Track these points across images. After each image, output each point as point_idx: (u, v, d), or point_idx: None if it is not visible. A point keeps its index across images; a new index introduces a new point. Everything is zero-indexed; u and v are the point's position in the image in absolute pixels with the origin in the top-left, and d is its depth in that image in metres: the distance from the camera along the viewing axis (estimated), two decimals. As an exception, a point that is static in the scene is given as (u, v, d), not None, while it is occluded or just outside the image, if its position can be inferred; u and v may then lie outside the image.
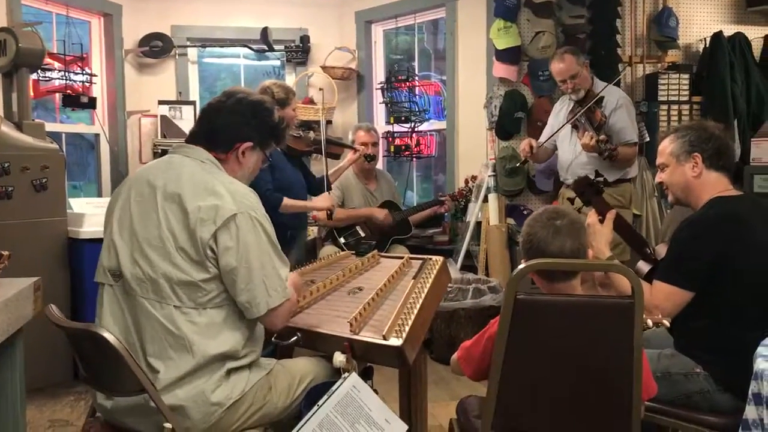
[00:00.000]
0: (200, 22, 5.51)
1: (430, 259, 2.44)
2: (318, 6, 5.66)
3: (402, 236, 4.48)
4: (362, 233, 4.34)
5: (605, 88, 3.86)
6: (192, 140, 1.98)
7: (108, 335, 1.63)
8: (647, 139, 4.60)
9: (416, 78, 5.37)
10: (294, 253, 3.69)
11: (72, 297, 3.79)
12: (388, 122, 5.38)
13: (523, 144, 4.03)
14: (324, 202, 3.65)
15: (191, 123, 4.97)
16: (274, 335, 2.04)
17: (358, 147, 4.29)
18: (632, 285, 1.62)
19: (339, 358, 1.92)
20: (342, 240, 4.28)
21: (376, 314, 2.07)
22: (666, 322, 1.93)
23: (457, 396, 3.58)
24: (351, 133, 4.60)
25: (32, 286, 1.84)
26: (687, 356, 2.11)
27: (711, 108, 4.59)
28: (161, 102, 5.12)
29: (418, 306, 2.01)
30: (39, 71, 4.34)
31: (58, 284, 3.68)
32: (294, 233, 3.75)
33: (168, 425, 1.68)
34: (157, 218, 1.79)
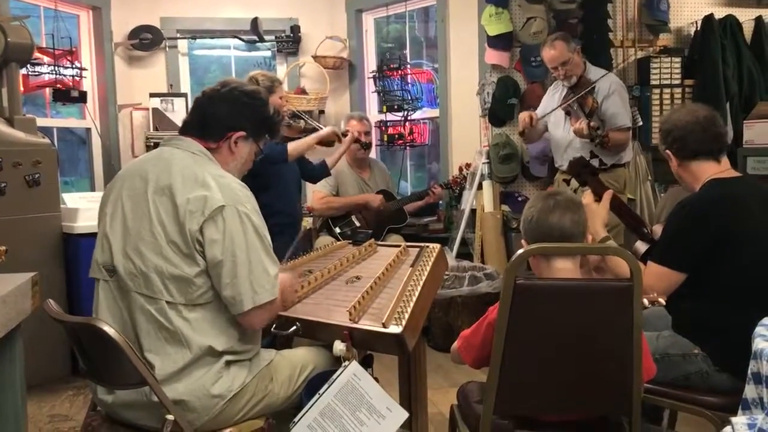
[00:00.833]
0: (190, 14, 5.47)
1: (428, 247, 2.44)
2: (307, -5, 5.64)
3: (397, 225, 4.48)
4: (357, 222, 4.34)
5: (600, 79, 3.86)
6: (184, 130, 1.97)
7: (108, 329, 1.63)
8: (640, 123, 4.60)
9: (408, 66, 5.35)
10: (290, 246, 3.66)
11: (68, 292, 3.78)
12: (381, 111, 5.36)
13: (523, 115, 4.00)
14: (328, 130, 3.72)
15: (183, 115, 4.88)
16: (273, 325, 2.04)
17: (349, 131, 4.25)
18: (630, 267, 1.63)
19: (339, 347, 1.91)
20: (337, 230, 4.28)
21: (375, 302, 2.07)
22: (662, 300, 1.93)
23: (456, 383, 3.59)
24: (343, 123, 4.58)
25: (30, 281, 1.83)
26: (685, 337, 2.12)
27: (703, 91, 4.59)
28: (153, 95, 5.08)
29: (417, 293, 2.01)
30: (28, 66, 4.31)
31: (54, 279, 3.67)
32: (285, 228, 3.70)
33: (170, 417, 1.68)
34: (149, 212, 1.78)
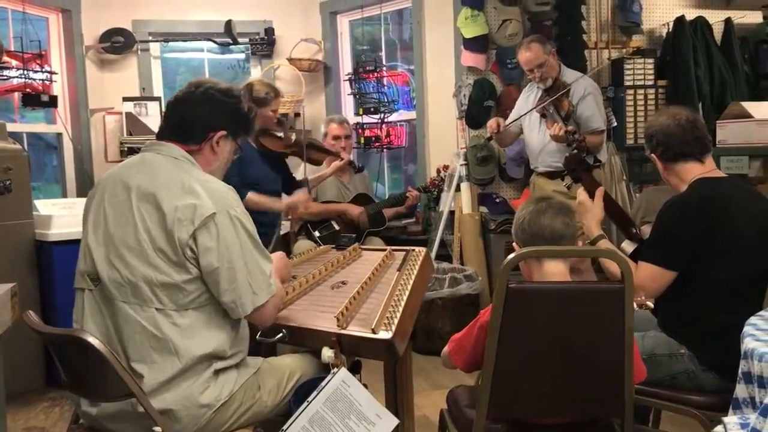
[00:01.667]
0: (162, 17, 5.39)
1: (413, 251, 2.43)
2: (282, -2, 5.61)
3: (376, 229, 4.46)
4: (337, 227, 4.32)
5: (575, 81, 3.89)
6: (162, 136, 1.92)
7: (94, 340, 1.59)
8: (614, 124, 4.65)
9: (384, 68, 5.34)
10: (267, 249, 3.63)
11: (42, 301, 3.70)
12: (357, 113, 5.34)
13: (491, 122, 4.05)
14: (293, 199, 3.60)
15: (157, 119, 4.88)
16: (258, 333, 2.01)
17: (343, 155, 4.24)
18: (622, 270, 1.63)
19: (327, 354, 1.89)
20: (317, 233, 4.25)
21: (363, 308, 2.05)
22: (650, 304, 1.95)
23: (439, 386, 3.62)
24: (323, 126, 4.56)
25: (9, 292, 1.78)
26: (671, 337, 2.14)
27: (676, 92, 4.66)
28: (126, 99, 4.99)
29: (405, 298, 2.00)
30: (-3, 70, 4.22)
31: (28, 288, 3.57)
32: (266, 230, 3.69)
33: (157, 429, 1.65)
34: (133, 219, 1.75)
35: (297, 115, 5.37)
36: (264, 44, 5.49)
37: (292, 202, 3.61)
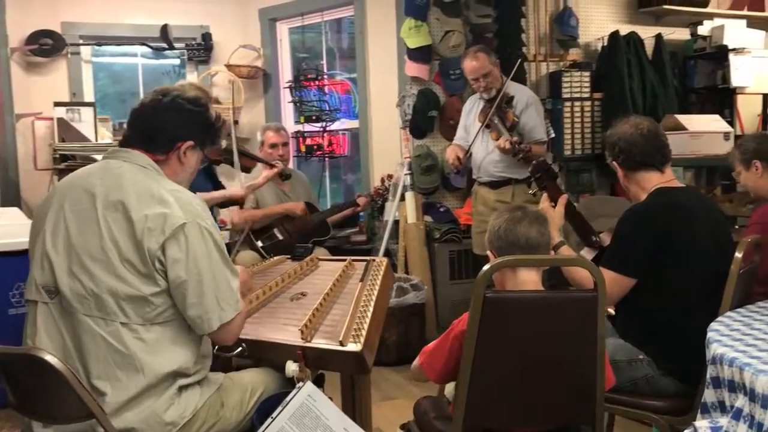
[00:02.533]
0: (93, 19, 5.19)
1: (374, 261, 2.40)
2: (219, 3, 5.48)
3: (321, 238, 4.40)
4: (280, 236, 4.23)
5: (515, 87, 3.96)
6: (126, 144, 1.84)
7: (51, 358, 1.49)
8: (553, 135, 4.74)
9: (325, 77, 5.30)
10: None
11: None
12: (298, 121, 5.28)
13: (451, 158, 4.02)
14: (238, 190, 3.60)
15: (92, 125, 4.69)
16: (216, 347, 1.94)
17: (276, 163, 4.14)
18: (594, 278, 1.65)
19: (291, 367, 1.85)
20: (260, 243, 4.15)
21: (327, 320, 2.01)
22: (611, 310, 1.98)
23: (388, 396, 3.59)
24: (260, 134, 4.47)
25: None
26: (630, 343, 2.18)
27: (610, 103, 4.80)
28: (57, 104, 4.76)
29: (371, 309, 1.97)
30: None
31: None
32: None
33: (118, 451, 1.56)
34: (99, 229, 1.65)
35: (235, 123, 5.26)
36: (201, 50, 5.38)
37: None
